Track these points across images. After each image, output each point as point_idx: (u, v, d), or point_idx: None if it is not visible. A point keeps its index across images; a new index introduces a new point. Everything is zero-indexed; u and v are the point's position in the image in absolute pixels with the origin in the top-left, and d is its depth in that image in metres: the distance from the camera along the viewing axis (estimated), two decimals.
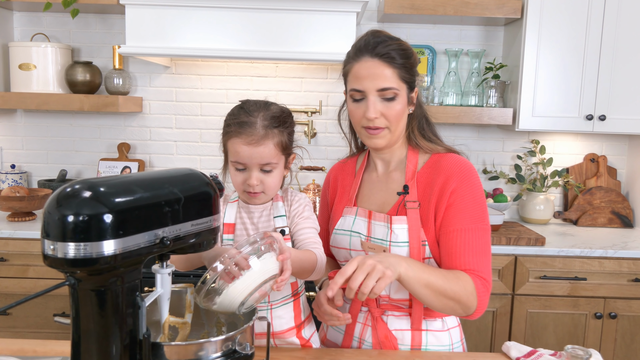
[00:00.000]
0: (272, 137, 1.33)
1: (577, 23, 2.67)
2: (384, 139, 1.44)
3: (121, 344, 0.93)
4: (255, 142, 1.31)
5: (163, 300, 1.08)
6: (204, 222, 1.04)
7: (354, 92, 1.42)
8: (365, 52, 1.41)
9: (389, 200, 1.49)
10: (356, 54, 1.43)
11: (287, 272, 1.12)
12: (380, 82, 1.38)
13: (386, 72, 1.38)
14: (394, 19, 2.92)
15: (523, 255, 2.51)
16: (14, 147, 3.13)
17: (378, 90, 1.38)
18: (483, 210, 1.41)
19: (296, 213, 1.40)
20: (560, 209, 3.16)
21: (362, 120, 1.42)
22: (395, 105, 1.40)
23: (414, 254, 1.40)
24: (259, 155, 1.32)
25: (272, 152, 1.33)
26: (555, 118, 2.74)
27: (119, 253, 0.88)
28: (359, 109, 1.42)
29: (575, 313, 2.54)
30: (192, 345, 1.02)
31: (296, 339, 1.42)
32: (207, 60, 3.00)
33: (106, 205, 0.87)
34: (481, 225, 1.39)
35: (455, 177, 1.40)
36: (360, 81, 1.40)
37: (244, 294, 1.09)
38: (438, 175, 1.43)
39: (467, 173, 1.41)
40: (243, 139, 1.31)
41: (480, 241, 1.38)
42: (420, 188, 1.46)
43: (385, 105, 1.40)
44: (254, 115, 1.33)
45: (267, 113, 1.34)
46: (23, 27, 3.06)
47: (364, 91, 1.39)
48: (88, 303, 0.91)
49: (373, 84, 1.38)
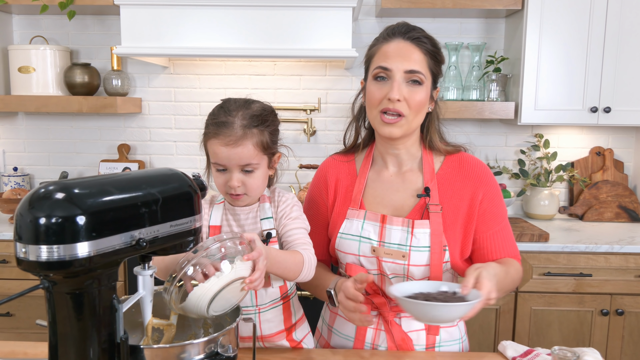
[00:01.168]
0: (251, 137, 1.28)
1: (580, 12, 2.62)
2: (401, 128, 1.37)
3: (99, 347, 0.92)
4: (233, 143, 1.26)
5: (145, 302, 1.06)
6: (184, 223, 1.02)
7: (379, 69, 1.36)
8: (398, 34, 1.39)
9: (407, 203, 1.44)
10: (388, 35, 1.40)
11: (257, 273, 1.09)
12: (409, 63, 1.34)
13: (416, 55, 1.35)
14: (393, 14, 2.88)
15: (526, 252, 2.47)
16: (16, 149, 3.13)
17: (406, 71, 1.34)
18: (504, 203, 1.48)
19: (283, 214, 1.37)
20: (565, 204, 3.11)
21: (383, 102, 1.36)
22: (420, 92, 1.35)
23: (435, 259, 1.37)
24: (237, 157, 1.28)
25: (251, 152, 1.28)
26: (558, 111, 2.69)
27: (93, 255, 0.86)
28: (382, 90, 1.36)
29: (580, 310, 2.50)
30: (172, 348, 1.00)
31: (286, 342, 1.39)
32: (205, 59, 2.99)
33: (79, 206, 0.85)
34: (505, 221, 1.47)
35: (483, 184, 1.43)
36: (388, 59, 1.36)
37: (209, 296, 1.06)
38: (462, 180, 1.43)
39: (491, 176, 1.46)
40: (221, 140, 1.27)
41: (510, 233, 1.47)
42: (442, 190, 1.43)
43: (410, 90, 1.35)
44: (233, 114, 1.29)
45: (247, 112, 1.30)
46: (22, 30, 3.06)
47: (390, 70, 1.34)
48: (64, 306, 0.89)
49: (402, 64, 1.34)
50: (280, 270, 1.25)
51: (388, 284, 1.42)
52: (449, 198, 1.42)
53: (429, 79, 1.37)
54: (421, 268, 1.38)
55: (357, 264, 1.44)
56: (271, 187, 1.45)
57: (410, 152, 1.47)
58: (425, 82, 1.36)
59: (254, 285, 1.10)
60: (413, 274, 1.38)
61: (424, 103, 1.37)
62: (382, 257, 1.39)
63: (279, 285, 1.36)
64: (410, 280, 1.37)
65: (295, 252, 1.30)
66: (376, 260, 1.41)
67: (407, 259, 1.37)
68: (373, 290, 1.44)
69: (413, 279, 1.38)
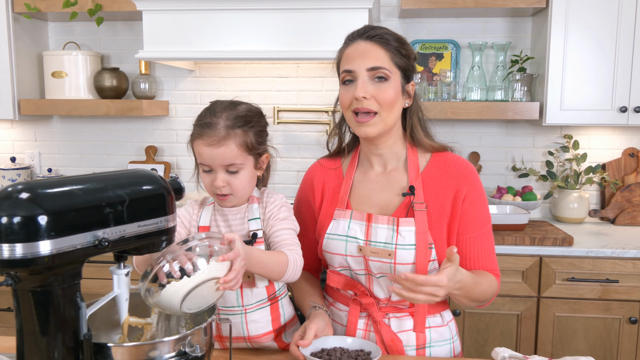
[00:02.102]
0: (234, 137, 1.30)
1: (608, 8, 2.52)
2: (375, 127, 1.37)
3: (63, 344, 0.94)
4: (216, 143, 1.29)
5: (121, 301, 1.09)
6: (153, 223, 1.04)
7: (345, 73, 1.39)
8: (357, 36, 1.41)
9: (392, 202, 1.44)
10: (349, 39, 1.43)
11: (232, 274, 1.10)
12: (370, 61, 1.36)
13: (378, 52, 1.36)
14: (416, 14, 2.85)
15: (548, 256, 2.39)
16: (51, 151, 3.26)
17: (368, 69, 1.35)
18: (488, 211, 1.47)
19: (271, 215, 1.37)
20: (597, 207, 2.99)
21: (352, 102, 1.37)
22: (387, 88, 1.36)
23: (421, 256, 1.36)
24: (220, 157, 1.29)
25: (234, 152, 1.30)
26: (585, 111, 2.59)
27: (55, 254, 0.89)
28: (349, 92, 1.38)
29: (607, 317, 2.40)
30: (141, 346, 1.02)
31: (274, 344, 1.39)
32: (230, 62, 3.03)
33: (41, 206, 0.88)
34: (489, 226, 1.46)
35: (466, 182, 1.42)
36: (350, 61, 1.38)
37: (182, 293, 1.07)
38: (447, 178, 1.43)
39: (476, 177, 1.44)
40: (204, 140, 1.30)
41: (491, 241, 1.45)
42: (427, 189, 1.43)
43: (377, 87, 1.36)
44: (218, 115, 1.31)
45: (231, 113, 1.32)
46: (57, 36, 3.19)
47: (354, 71, 1.36)
48: (27, 303, 0.92)
49: (363, 63, 1.36)
50: (262, 271, 1.25)
51: (376, 284, 1.42)
52: (434, 196, 1.41)
53: (396, 74, 1.38)
54: (408, 267, 1.37)
55: (344, 264, 1.44)
56: (261, 188, 1.46)
57: (393, 151, 1.47)
58: (392, 77, 1.36)
59: (229, 286, 1.11)
60: (399, 273, 1.36)
61: (394, 98, 1.37)
62: (368, 256, 1.39)
63: (264, 285, 1.36)
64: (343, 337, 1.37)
65: (280, 252, 1.30)
66: (363, 259, 1.41)
67: (394, 257, 1.36)
68: (361, 291, 1.44)
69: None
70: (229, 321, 1.18)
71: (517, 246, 2.41)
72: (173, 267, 1.10)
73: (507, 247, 2.41)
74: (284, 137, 3.06)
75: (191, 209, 1.44)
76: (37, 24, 3.07)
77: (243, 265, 1.14)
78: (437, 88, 2.75)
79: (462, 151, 3.01)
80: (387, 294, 1.42)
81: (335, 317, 1.50)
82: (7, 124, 3.25)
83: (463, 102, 2.71)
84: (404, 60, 1.39)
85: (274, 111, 3.01)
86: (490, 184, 3.02)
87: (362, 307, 1.43)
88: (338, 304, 1.51)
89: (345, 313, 1.48)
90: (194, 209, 1.43)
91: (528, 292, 2.41)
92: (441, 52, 2.91)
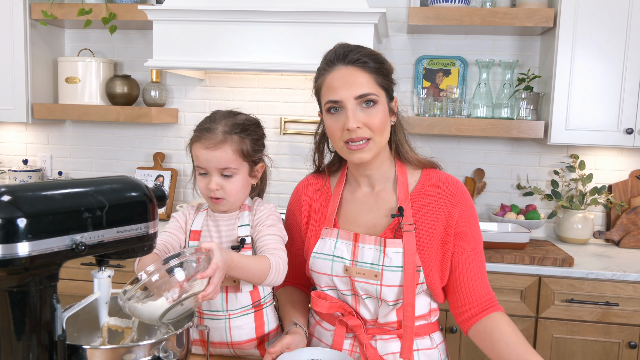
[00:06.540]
0: (231, 142, 1.35)
1: (616, 30, 2.51)
2: (370, 152, 1.33)
3: (38, 346, 0.97)
4: (213, 146, 1.34)
5: (101, 304, 1.11)
6: (133, 229, 1.06)
7: (330, 104, 1.33)
8: (337, 61, 1.34)
9: (380, 222, 1.41)
10: (327, 64, 1.36)
11: (210, 287, 1.11)
12: (357, 88, 1.30)
13: (362, 78, 1.31)
14: (424, 30, 2.87)
15: (548, 276, 2.37)
16: (62, 155, 3.32)
17: (356, 97, 1.30)
18: (479, 231, 1.43)
19: (259, 222, 1.41)
20: (602, 228, 2.96)
21: (344, 133, 1.32)
22: (377, 113, 1.32)
23: (408, 279, 1.33)
24: (216, 159, 1.34)
25: (230, 157, 1.35)
26: (591, 131, 2.58)
27: (33, 255, 0.91)
28: (338, 122, 1.32)
29: (607, 341, 2.37)
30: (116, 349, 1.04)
31: (256, 351, 1.41)
32: (239, 73, 3.07)
33: (20, 209, 0.91)
34: (480, 247, 1.42)
35: (459, 204, 1.39)
36: (335, 91, 1.31)
37: (162, 309, 1.09)
38: (437, 199, 1.39)
39: (467, 197, 1.41)
40: (202, 143, 1.35)
41: (483, 263, 1.42)
42: (416, 210, 1.39)
43: (367, 114, 1.31)
44: (217, 122, 1.38)
45: (230, 120, 1.38)
46: (73, 43, 3.26)
47: (340, 101, 1.30)
48: (4, 303, 0.95)
49: (350, 92, 1.30)
50: (243, 275, 1.27)
51: (362, 305, 1.40)
52: (423, 217, 1.38)
53: (382, 96, 1.34)
54: (394, 289, 1.34)
55: (331, 284, 1.42)
56: (254, 197, 1.49)
57: (382, 171, 1.43)
58: (380, 100, 1.33)
59: (208, 298, 1.14)
60: (386, 295, 1.34)
61: (384, 121, 1.34)
62: (354, 277, 1.36)
63: (248, 290, 1.39)
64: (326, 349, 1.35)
65: (262, 257, 1.32)
66: (349, 280, 1.38)
67: (380, 278, 1.34)
68: (347, 312, 1.41)
69: (386, 301, 1.36)
70: (207, 328, 1.20)
71: (517, 265, 2.39)
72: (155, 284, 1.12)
73: (506, 266, 2.39)
74: (290, 148, 3.08)
75: (187, 212, 1.49)
76: (53, 30, 3.15)
77: (221, 275, 1.16)
78: (442, 104, 2.76)
79: (467, 168, 3.01)
80: (374, 315, 1.40)
81: (322, 337, 1.47)
82: (21, 127, 3.32)
83: (467, 118, 2.71)
84: (386, 80, 1.36)
85: (281, 122, 3.04)
86: (495, 202, 3.01)
87: (348, 328, 1.40)
88: (324, 323, 1.48)
89: (331, 333, 1.44)
90: (189, 213, 1.48)
91: (526, 312, 2.40)
92: (448, 68, 2.92)
